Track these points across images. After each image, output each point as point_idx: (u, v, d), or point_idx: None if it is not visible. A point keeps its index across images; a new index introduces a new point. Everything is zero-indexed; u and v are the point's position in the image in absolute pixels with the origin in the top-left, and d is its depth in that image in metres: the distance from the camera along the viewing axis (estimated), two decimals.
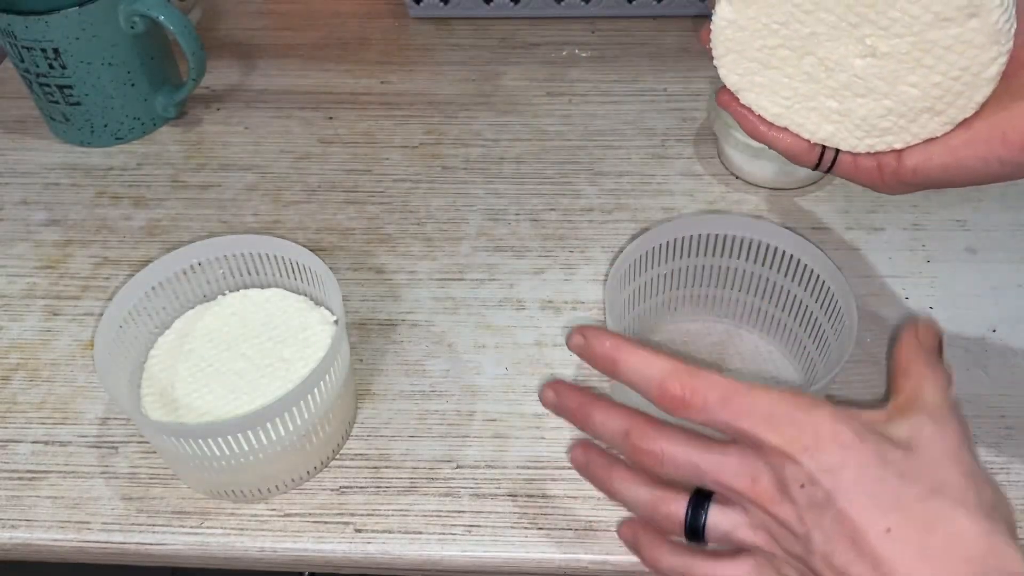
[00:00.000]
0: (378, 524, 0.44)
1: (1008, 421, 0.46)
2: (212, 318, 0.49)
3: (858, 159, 0.38)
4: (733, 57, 0.37)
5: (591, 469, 0.36)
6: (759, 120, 0.39)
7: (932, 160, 0.36)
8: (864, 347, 0.49)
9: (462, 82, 0.68)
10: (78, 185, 0.62)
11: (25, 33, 0.58)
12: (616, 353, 0.34)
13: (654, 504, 0.34)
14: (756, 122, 0.39)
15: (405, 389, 0.49)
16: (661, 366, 0.32)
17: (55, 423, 0.48)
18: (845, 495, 0.29)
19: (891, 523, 0.29)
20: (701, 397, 0.31)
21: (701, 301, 0.50)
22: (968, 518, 0.29)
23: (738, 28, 0.36)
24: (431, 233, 0.57)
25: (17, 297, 0.55)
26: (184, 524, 0.44)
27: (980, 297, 0.52)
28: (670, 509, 0.33)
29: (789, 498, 0.30)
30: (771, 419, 0.31)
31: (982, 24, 0.32)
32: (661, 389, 0.32)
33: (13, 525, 0.44)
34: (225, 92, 0.68)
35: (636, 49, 0.70)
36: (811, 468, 0.30)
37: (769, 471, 0.31)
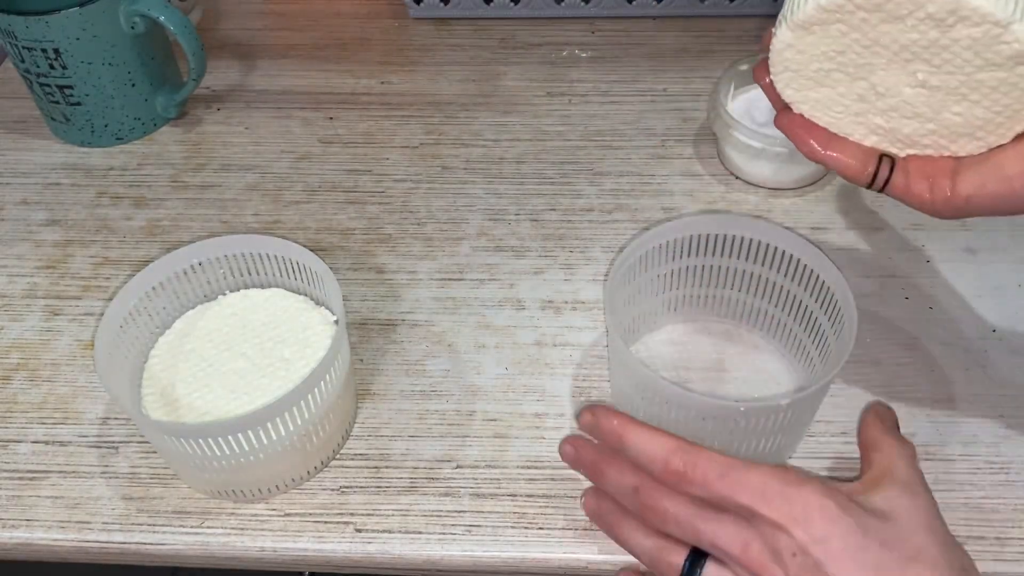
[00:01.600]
0: (378, 524, 0.44)
1: (1008, 421, 0.46)
2: (212, 318, 0.49)
3: (910, 183, 0.38)
4: (789, 75, 0.39)
5: (602, 516, 0.40)
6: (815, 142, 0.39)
7: (986, 189, 0.35)
8: (864, 347, 0.49)
9: (462, 82, 0.68)
10: (78, 185, 0.62)
11: (25, 33, 0.58)
12: (622, 431, 0.37)
13: (657, 552, 0.37)
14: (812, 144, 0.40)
15: (405, 389, 0.49)
16: (663, 443, 0.36)
17: (55, 423, 0.48)
18: (834, 563, 0.33)
19: None
20: (701, 473, 0.35)
21: (701, 301, 0.50)
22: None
23: (797, 52, 0.38)
24: (431, 233, 0.57)
25: (18, 297, 0.55)
26: (184, 524, 0.44)
27: (980, 297, 0.52)
28: (671, 559, 0.36)
29: (781, 565, 0.34)
30: (765, 494, 0.34)
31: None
32: (664, 465, 0.36)
33: (13, 525, 0.44)
34: (225, 92, 0.68)
35: (636, 49, 0.70)
36: (802, 539, 0.33)
37: (761, 539, 0.34)
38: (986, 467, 0.44)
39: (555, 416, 0.47)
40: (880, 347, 0.49)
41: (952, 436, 0.46)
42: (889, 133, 0.38)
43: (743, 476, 0.35)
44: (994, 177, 0.35)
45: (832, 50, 0.36)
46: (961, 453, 0.45)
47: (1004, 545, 0.42)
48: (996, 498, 0.43)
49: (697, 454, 0.36)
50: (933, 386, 0.48)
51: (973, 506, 0.43)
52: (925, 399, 0.47)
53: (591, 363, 0.50)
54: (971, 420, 0.46)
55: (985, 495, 0.43)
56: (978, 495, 0.43)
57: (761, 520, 0.34)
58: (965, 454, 0.45)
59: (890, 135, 0.38)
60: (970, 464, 0.45)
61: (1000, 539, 0.42)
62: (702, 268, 0.48)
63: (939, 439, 0.46)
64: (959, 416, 0.47)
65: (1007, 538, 0.42)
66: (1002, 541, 0.42)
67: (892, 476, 0.37)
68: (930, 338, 0.50)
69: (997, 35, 0.33)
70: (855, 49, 0.36)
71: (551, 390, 0.49)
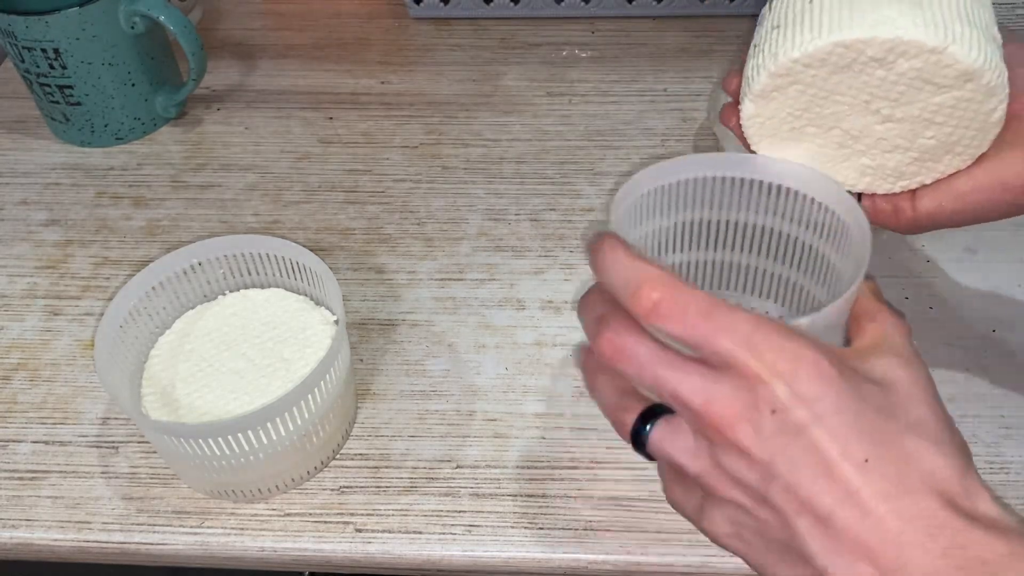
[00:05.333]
0: (378, 524, 0.44)
1: (1008, 421, 0.46)
2: (212, 318, 0.49)
3: (876, 205, 0.41)
4: (768, 141, 0.40)
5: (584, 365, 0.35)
6: None
7: (943, 207, 0.39)
8: None
9: (462, 82, 0.68)
10: (78, 185, 0.62)
11: (25, 33, 0.58)
12: (604, 253, 0.32)
13: (613, 408, 0.33)
14: None
15: (405, 389, 0.49)
16: (644, 268, 0.31)
17: (55, 423, 0.48)
18: (822, 424, 0.28)
19: (869, 454, 0.28)
20: (681, 306, 0.30)
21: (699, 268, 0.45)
22: (943, 456, 0.29)
23: (765, 119, 0.39)
24: (431, 233, 0.57)
25: (18, 297, 0.55)
26: (184, 524, 0.44)
27: (980, 297, 0.52)
28: (623, 418, 0.32)
29: (752, 422, 0.29)
30: (751, 340, 0.29)
31: (977, 85, 0.35)
32: (637, 294, 0.30)
33: (13, 525, 0.44)
34: (225, 92, 0.68)
35: (636, 49, 0.70)
36: (785, 395, 0.29)
37: (732, 392, 0.29)
38: (986, 467, 0.44)
39: (555, 416, 0.47)
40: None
41: None
42: (878, 170, 0.40)
43: (731, 318, 0.30)
44: (949, 196, 0.39)
45: (797, 109, 0.38)
46: None
47: None
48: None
49: (679, 287, 0.30)
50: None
51: None
52: None
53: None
54: (971, 420, 0.46)
55: None
56: None
57: (742, 371, 0.29)
58: None
59: (879, 172, 0.40)
60: None
61: None
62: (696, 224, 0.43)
63: None
64: (959, 416, 0.46)
65: None
66: None
67: (888, 345, 0.33)
68: (930, 338, 0.50)
69: (937, 61, 0.35)
70: (817, 103, 0.38)
71: (551, 390, 0.49)
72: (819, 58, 0.36)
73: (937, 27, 0.34)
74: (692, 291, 0.30)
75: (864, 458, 0.28)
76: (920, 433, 0.30)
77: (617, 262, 0.32)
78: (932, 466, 0.29)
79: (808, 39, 0.36)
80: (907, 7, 0.35)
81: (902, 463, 0.29)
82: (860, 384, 0.30)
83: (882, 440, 0.29)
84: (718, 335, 0.29)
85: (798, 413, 0.29)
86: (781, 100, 0.38)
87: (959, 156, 0.38)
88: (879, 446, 0.29)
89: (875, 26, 0.34)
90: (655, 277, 0.30)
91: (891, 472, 0.28)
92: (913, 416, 0.30)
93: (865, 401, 0.30)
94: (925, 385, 0.32)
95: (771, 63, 0.37)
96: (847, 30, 0.35)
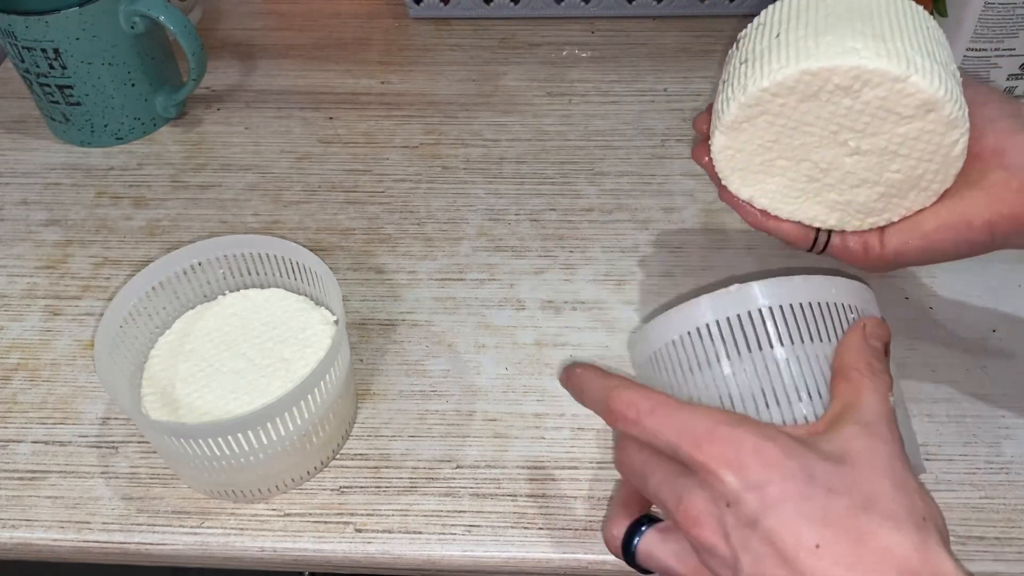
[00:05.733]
0: (378, 524, 0.44)
1: (1008, 421, 0.46)
2: (212, 318, 0.49)
3: (846, 242, 0.42)
4: (739, 174, 0.41)
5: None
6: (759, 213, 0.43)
7: (909, 244, 0.40)
8: None
9: (462, 82, 0.68)
10: (78, 185, 0.62)
11: (25, 33, 0.58)
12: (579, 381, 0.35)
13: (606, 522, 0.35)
14: (757, 215, 0.43)
15: (405, 389, 0.49)
16: (605, 383, 0.34)
17: (55, 423, 0.48)
18: (772, 512, 0.29)
19: (820, 539, 0.28)
20: (634, 409, 0.32)
21: None
22: (898, 531, 0.28)
23: (736, 151, 0.40)
24: (431, 233, 0.57)
25: (17, 297, 0.55)
26: (184, 524, 0.44)
27: (980, 297, 0.52)
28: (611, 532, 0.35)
29: (716, 518, 0.30)
30: (693, 433, 0.30)
31: (939, 116, 0.36)
32: (606, 405, 0.33)
33: (13, 525, 0.44)
34: (225, 92, 0.68)
35: (636, 49, 0.70)
36: (734, 485, 0.29)
37: (698, 492, 0.30)
38: (986, 467, 0.45)
39: (555, 416, 0.47)
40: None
41: (952, 436, 0.46)
42: (847, 206, 0.40)
43: (672, 412, 0.31)
44: (915, 235, 0.40)
45: (767, 140, 0.39)
46: (961, 453, 0.45)
47: (1005, 545, 0.42)
48: (996, 498, 0.43)
49: (630, 390, 0.32)
50: (933, 386, 0.48)
51: (973, 506, 0.43)
52: (925, 399, 0.47)
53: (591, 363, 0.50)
54: (971, 420, 0.46)
55: (985, 495, 0.43)
56: (978, 495, 0.43)
57: (694, 465, 0.30)
58: (965, 454, 0.45)
59: (848, 208, 0.41)
60: (970, 464, 0.45)
61: (1000, 539, 0.42)
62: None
63: (939, 439, 0.46)
64: (959, 416, 0.47)
65: (1007, 538, 0.42)
66: (1002, 541, 0.42)
67: (854, 412, 0.32)
68: (930, 338, 0.50)
69: (900, 89, 0.36)
70: (786, 134, 0.39)
71: (551, 390, 0.49)
72: (787, 86, 0.37)
73: (900, 58, 0.36)
74: (643, 391, 0.32)
75: (815, 543, 0.28)
76: (874, 509, 0.29)
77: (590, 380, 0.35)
78: (888, 542, 0.28)
79: (776, 68, 0.37)
80: (871, 40, 0.36)
81: (856, 543, 0.28)
82: (811, 463, 0.30)
83: (833, 521, 0.28)
84: (665, 431, 0.31)
85: (749, 502, 0.29)
86: (751, 131, 0.39)
87: (924, 192, 0.39)
88: (830, 528, 0.28)
89: (841, 55, 0.36)
90: (616, 385, 0.33)
91: (845, 554, 0.28)
92: (867, 491, 0.29)
93: (814, 481, 0.29)
94: (885, 454, 0.31)
95: (740, 94, 0.38)
96: (814, 59, 0.36)
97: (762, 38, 0.39)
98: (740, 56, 0.40)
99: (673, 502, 0.31)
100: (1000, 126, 0.38)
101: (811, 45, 0.37)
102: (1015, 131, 0.38)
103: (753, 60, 0.39)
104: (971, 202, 0.38)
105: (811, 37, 0.37)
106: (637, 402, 0.32)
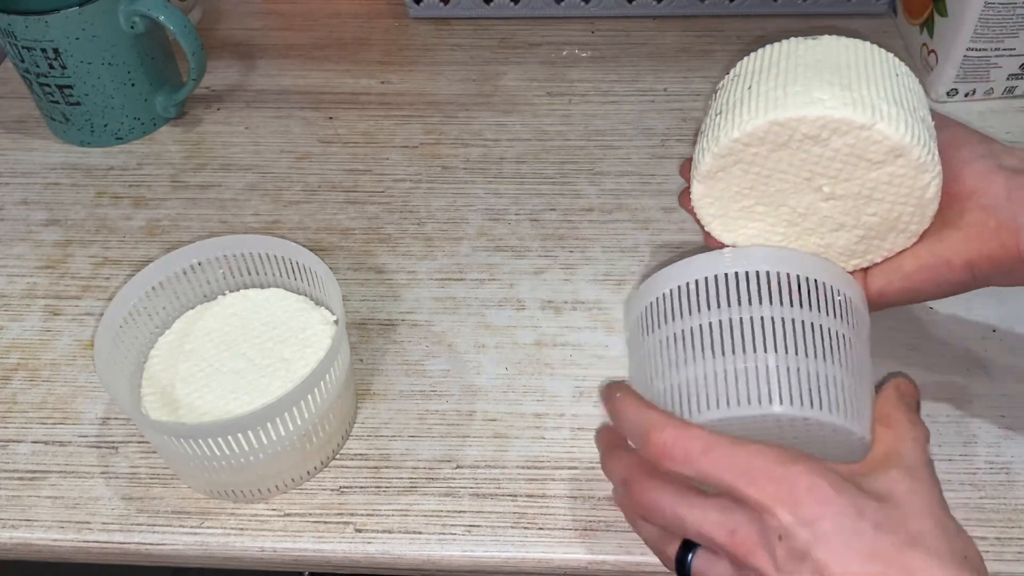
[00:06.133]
0: (378, 524, 0.44)
1: (1008, 421, 0.46)
2: (212, 318, 0.49)
3: None
4: (721, 220, 0.42)
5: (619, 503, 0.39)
6: None
7: (892, 285, 0.40)
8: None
9: (462, 82, 0.68)
10: (78, 185, 0.62)
11: (25, 33, 0.58)
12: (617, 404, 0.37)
13: (656, 542, 0.37)
14: None
15: (405, 389, 0.49)
16: (649, 417, 0.35)
17: (55, 423, 0.48)
18: (823, 546, 0.31)
19: (868, 572, 0.30)
20: (683, 449, 0.34)
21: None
22: (942, 568, 0.31)
23: (714, 199, 0.41)
24: (431, 233, 0.57)
25: (17, 297, 0.55)
26: (184, 524, 0.44)
27: (980, 297, 0.51)
28: (667, 549, 0.36)
29: (768, 550, 0.32)
30: (749, 473, 0.32)
31: (908, 160, 0.37)
32: (647, 439, 0.35)
33: (13, 525, 0.44)
34: (225, 92, 0.68)
35: (636, 49, 0.70)
36: (788, 521, 0.31)
37: (748, 523, 0.32)
38: (986, 467, 0.45)
39: (555, 416, 0.47)
40: (880, 347, 0.49)
41: (952, 436, 0.46)
42: (829, 249, 0.41)
43: (728, 453, 0.33)
44: (897, 275, 0.40)
45: (743, 187, 0.40)
46: (961, 453, 0.45)
47: (1005, 545, 0.42)
48: (996, 498, 0.43)
49: (680, 429, 0.34)
50: (933, 386, 0.48)
51: (973, 506, 0.43)
52: (925, 399, 0.47)
53: (591, 363, 0.50)
54: (971, 420, 0.46)
55: (985, 495, 0.43)
56: (978, 495, 0.43)
57: (747, 502, 0.32)
58: (965, 454, 0.45)
59: (831, 251, 0.41)
60: (970, 464, 0.45)
61: (1001, 539, 0.42)
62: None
63: (939, 439, 0.46)
64: (959, 416, 0.47)
65: (1008, 538, 0.42)
66: (1003, 541, 0.42)
67: (897, 457, 0.35)
68: (930, 338, 0.50)
69: (867, 137, 0.36)
70: (762, 181, 0.39)
71: (551, 390, 0.49)
72: (757, 136, 0.38)
73: (865, 106, 0.36)
74: (692, 430, 0.34)
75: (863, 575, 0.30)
76: (919, 546, 0.31)
77: (628, 409, 0.36)
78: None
79: (747, 119, 0.38)
80: (838, 90, 0.37)
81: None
82: (860, 500, 0.32)
83: (881, 555, 0.31)
84: (720, 471, 0.33)
85: (801, 536, 0.31)
86: (727, 180, 0.40)
87: (903, 234, 0.40)
88: (878, 562, 0.31)
89: (807, 105, 0.37)
90: (660, 423, 0.35)
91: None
92: (913, 529, 0.32)
93: (864, 517, 0.31)
94: (928, 496, 0.33)
95: (714, 145, 0.39)
96: (781, 110, 0.37)
97: (736, 89, 0.40)
98: (716, 108, 0.41)
99: (725, 535, 0.33)
100: (976, 167, 0.39)
101: (780, 95, 0.38)
102: (991, 171, 0.38)
103: (727, 111, 0.40)
104: (950, 243, 0.39)
105: (780, 88, 0.38)
106: (686, 442, 0.34)
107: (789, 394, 0.35)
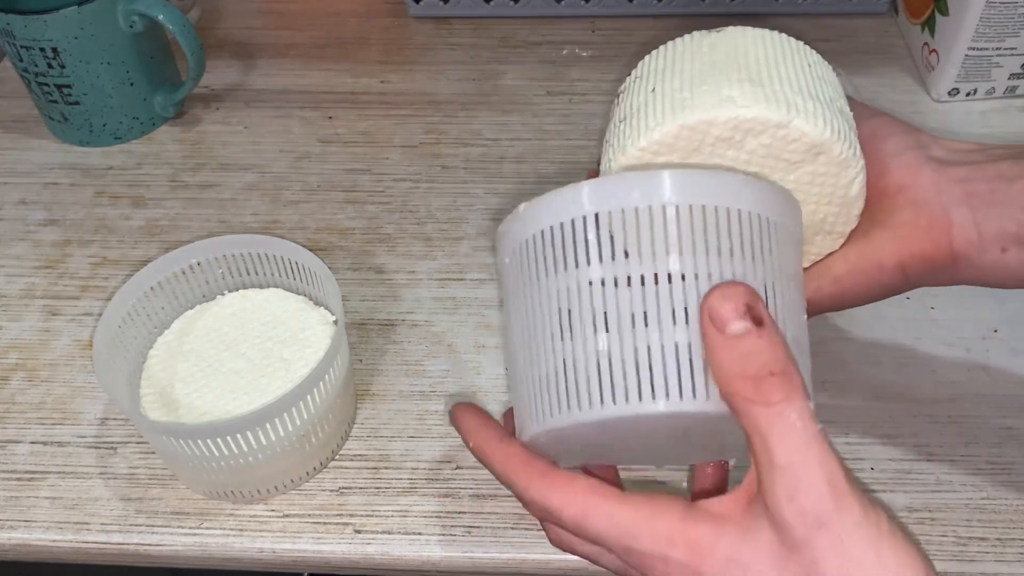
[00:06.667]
0: (378, 525, 0.43)
1: (1008, 421, 0.46)
2: (211, 318, 0.48)
3: None
4: None
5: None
6: None
7: (822, 291, 0.37)
8: (864, 347, 0.49)
9: (462, 82, 0.68)
10: (77, 185, 0.62)
11: (24, 32, 0.58)
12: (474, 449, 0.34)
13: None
14: None
15: (405, 389, 0.49)
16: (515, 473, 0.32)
17: (54, 423, 0.48)
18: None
19: None
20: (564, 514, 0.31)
21: None
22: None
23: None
24: (431, 233, 0.57)
25: (16, 297, 0.54)
26: (183, 525, 0.44)
27: (981, 297, 0.52)
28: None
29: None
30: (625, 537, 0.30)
31: (829, 158, 0.35)
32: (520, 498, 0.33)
33: (12, 526, 0.44)
34: (224, 92, 0.68)
35: (636, 48, 0.70)
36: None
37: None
38: (988, 468, 0.44)
39: None
40: (880, 347, 0.49)
41: (953, 437, 0.46)
42: None
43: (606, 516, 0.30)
44: (827, 280, 0.37)
45: None
46: (963, 454, 0.45)
47: (1006, 546, 0.42)
48: (998, 499, 0.43)
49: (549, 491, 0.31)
50: (934, 386, 0.48)
51: (975, 507, 0.43)
52: (926, 399, 0.47)
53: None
54: (972, 421, 0.46)
55: (986, 496, 0.43)
56: (979, 496, 0.43)
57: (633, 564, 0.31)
58: (967, 455, 0.45)
59: None
60: (971, 465, 0.45)
61: (1002, 540, 0.42)
62: None
63: (940, 440, 0.45)
64: (960, 417, 0.46)
65: (1009, 539, 0.42)
66: (1004, 542, 0.42)
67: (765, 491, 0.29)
68: (931, 338, 0.50)
69: (784, 135, 0.34)
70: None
71: None
72: (667, 144, 0.35)
73: (779, 102, 0.34)
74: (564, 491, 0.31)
75: None
76: None
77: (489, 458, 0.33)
78: None
79: (653, 125, 0.35)
80: (748, 86, 0.34)
81: None
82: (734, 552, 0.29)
83: None
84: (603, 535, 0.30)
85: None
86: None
87: (829, 235, 0.37)
88: None
89: (717, 106, 0.34)
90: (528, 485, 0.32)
91: None
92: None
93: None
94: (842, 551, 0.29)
95: (620, 155, 0.36)
96: (689, 112, 0.34)
97: (639, 92, 0.37)
98: (619, 114, 0.38)
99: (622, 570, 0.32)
100: (904, 160, 0.36)
101: (686, 96, 0.35)
102: (919, 164, 0.36)
103: (631, 117, 0.36)
104: (880, 243, 0.36)
105: (687, 88, 0.35)
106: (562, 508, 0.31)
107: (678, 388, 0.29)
